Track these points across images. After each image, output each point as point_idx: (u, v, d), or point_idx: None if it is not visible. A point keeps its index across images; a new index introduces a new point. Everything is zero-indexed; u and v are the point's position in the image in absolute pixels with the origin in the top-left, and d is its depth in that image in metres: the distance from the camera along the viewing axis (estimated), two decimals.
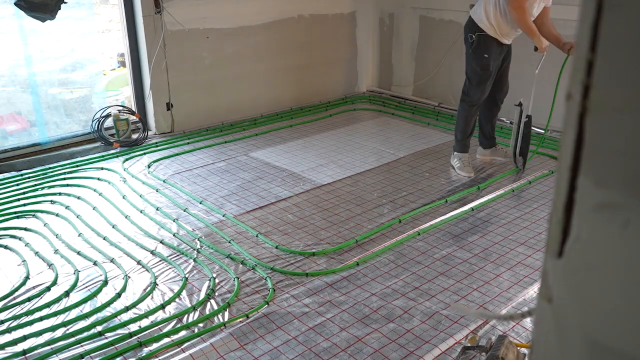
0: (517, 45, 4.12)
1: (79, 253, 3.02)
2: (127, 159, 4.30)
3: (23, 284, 2.75)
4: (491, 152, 4.18)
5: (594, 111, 0.47)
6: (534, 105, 3.99)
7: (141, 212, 3.47)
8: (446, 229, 3.25)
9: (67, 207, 3.53)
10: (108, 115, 4.58)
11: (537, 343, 0.56)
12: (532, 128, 4.79)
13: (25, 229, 3.29)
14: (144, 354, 2.27)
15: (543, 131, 4.73)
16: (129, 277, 2.81)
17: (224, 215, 3.41)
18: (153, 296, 2.66)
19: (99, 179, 3.97)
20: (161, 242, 3.12)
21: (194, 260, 2.94)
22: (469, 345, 2.22)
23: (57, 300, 2.62)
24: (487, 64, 3.76)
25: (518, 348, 2.05)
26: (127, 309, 2.55)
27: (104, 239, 3.17)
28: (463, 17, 5.18)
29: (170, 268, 2.88)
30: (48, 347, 2.32)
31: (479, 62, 3.76)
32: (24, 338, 2.37)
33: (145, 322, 2.48)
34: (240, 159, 4.32)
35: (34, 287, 2.73)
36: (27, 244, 3.11)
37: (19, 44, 4.31)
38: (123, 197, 3.67)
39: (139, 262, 2.93)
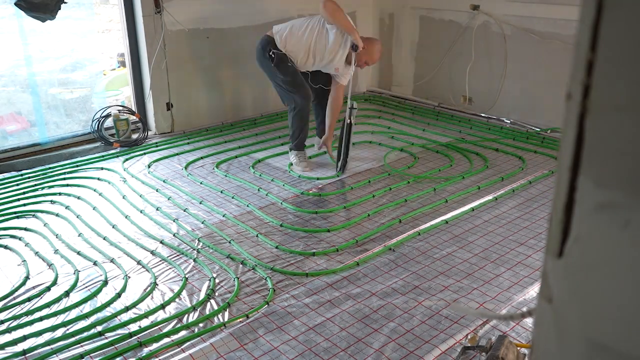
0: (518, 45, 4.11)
1: (79, 253, 3.02)
2: (127, 159, 4.30)
3: (23, 284, 2.75)
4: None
5: (594, 111, 0.47)
6: (530, 104, 3.99)
7: (141, 212, 3.47)
8: (446, 229, 3.25)
9: (67, 207, 3.53)
10: (108, 115, 4.58)
11: (537, 343, 0.56)
12: (532, 127, 4.81)
13: (25, 229, 3.29)
14: (144, 354, 2.27)
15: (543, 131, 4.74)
16: (129, 277, 2.81)
17: (224, 215, 3.41)
18: (153, 296, 2.66)
19: (99, 179, 3.97)
20: (161, 242, 3.12)
21: (194, 260, 2.94)
22: (469, 345, 2.22)
23: (57, 300, 2.62)
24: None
25: (518, 348, 2.05)
26: (127, 309, 2.55)
27: (104, 239, 3.17)
28: (463, 17, 5.19)
29: (170, 268, 2.88)
30: (48, 347, 2.32)
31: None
32: (24, 338, 2.37)
33: (145, 322, 2.47)
34: (240, 159, 4.32)
35: (34, 287, 2.73)
36: (27, 244, 3.11)
37: (19, 44, 4.31)
38: (123, 197, 3.67)
39: (139, 262, 2.92)
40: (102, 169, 4.14)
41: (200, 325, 2.46)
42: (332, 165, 4.15)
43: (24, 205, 3.59)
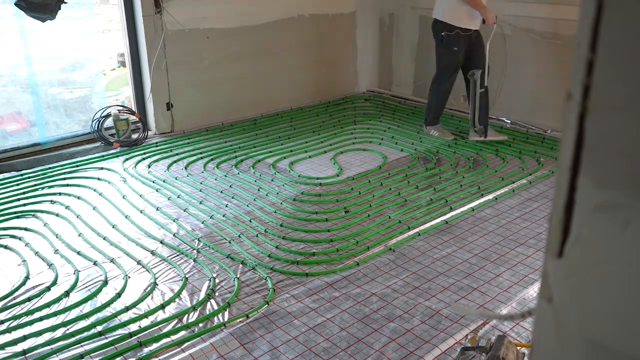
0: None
1: (79, 253, 3.02)
2: (127, 159, 4.30)
3: (23, 284, 2.75)
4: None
5: (594, 111, 0.47)
6: (530, 104, 3.99)
7: (141, 212, 3.47)
8: (446, 229, 3.25)
9: (67, 207, 3.53)
10: (108, 115, 4.58)
11: (537, 343, 0.56)
12: (533, 128, 4.81)
13: (25, 229, 3.29)
14: (144, 354, 2.27)
15: (543, 131, 4.74)
16: (129, 277, 2.80)
17: (224, 215, 3.41)
18: (153, 296, 2.66)
19: (99, 179, 3.97)
20: (161, 242, 3.12)
21: (194, 260, 2.94)
22: (468, 345, 2.21)
23: (57, 300, 2.62)
24: (456, 57, 4.48)
25: (518, 348, 2.05)
26: (127, 309, 2.55)
27: (104, 239, 3.16)
28: None
29: (170, 268, 2.88)
30: (48, 347, 2.32)
31: (450, 56, 4.50)
32: (24, 338, 2.37)
33: (145, 322, 2.47)
34: (240, 159, 4.32)
35: (34, 287, 2.73)
36: (27, 244, 3.11)
37: (19, 44, 4.31)
38: (123, 197, 3.67)
39: (139, 262, 2.92)
40: (102, 169, 4.14)
41: (200, 325, 2.46)
42: (333, 168, 4.15)
43: (24, 205, 3.59)
